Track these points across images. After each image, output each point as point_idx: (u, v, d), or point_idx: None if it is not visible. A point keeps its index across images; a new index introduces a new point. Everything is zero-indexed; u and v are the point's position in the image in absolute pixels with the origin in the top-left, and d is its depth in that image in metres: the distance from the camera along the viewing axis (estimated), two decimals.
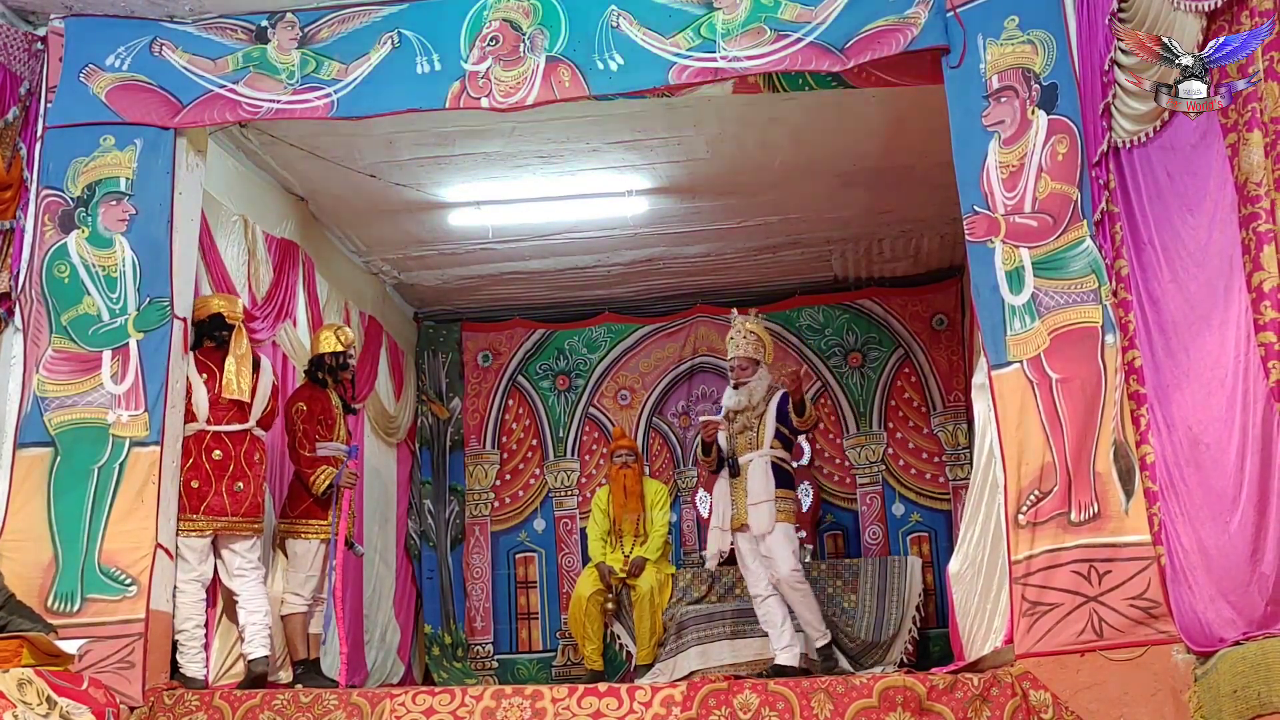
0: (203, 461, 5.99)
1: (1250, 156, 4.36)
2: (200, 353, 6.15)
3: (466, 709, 5.09)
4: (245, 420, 6.16)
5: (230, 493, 6.01)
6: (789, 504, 6.55)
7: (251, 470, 6.13)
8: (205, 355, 6.15)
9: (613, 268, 9.29)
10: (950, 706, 4.78)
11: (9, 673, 4.62)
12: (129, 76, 6.04)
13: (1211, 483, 4.54)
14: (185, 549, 5.88)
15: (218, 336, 6.17)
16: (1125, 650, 4.73)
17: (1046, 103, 5.32)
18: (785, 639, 6.42)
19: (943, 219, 8.19)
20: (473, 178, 7.73)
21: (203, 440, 6.02)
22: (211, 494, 5.97)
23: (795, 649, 6.42)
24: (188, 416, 6.00)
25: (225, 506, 5.99)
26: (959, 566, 5.59)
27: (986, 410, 5.32)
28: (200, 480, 5.97)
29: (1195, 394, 4.66)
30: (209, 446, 6.02)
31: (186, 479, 5.94)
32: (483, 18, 5.92)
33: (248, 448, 6.14)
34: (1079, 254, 5.15)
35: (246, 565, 6.09)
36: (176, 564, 5.82)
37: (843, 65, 5.64)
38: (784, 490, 6.53)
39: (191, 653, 5.84)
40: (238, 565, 6.07)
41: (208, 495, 5.96)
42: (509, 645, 9.59)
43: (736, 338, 6.75)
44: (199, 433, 6.02)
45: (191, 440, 5.99)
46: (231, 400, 6.10)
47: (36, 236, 5.90)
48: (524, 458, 9.92)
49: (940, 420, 9.39)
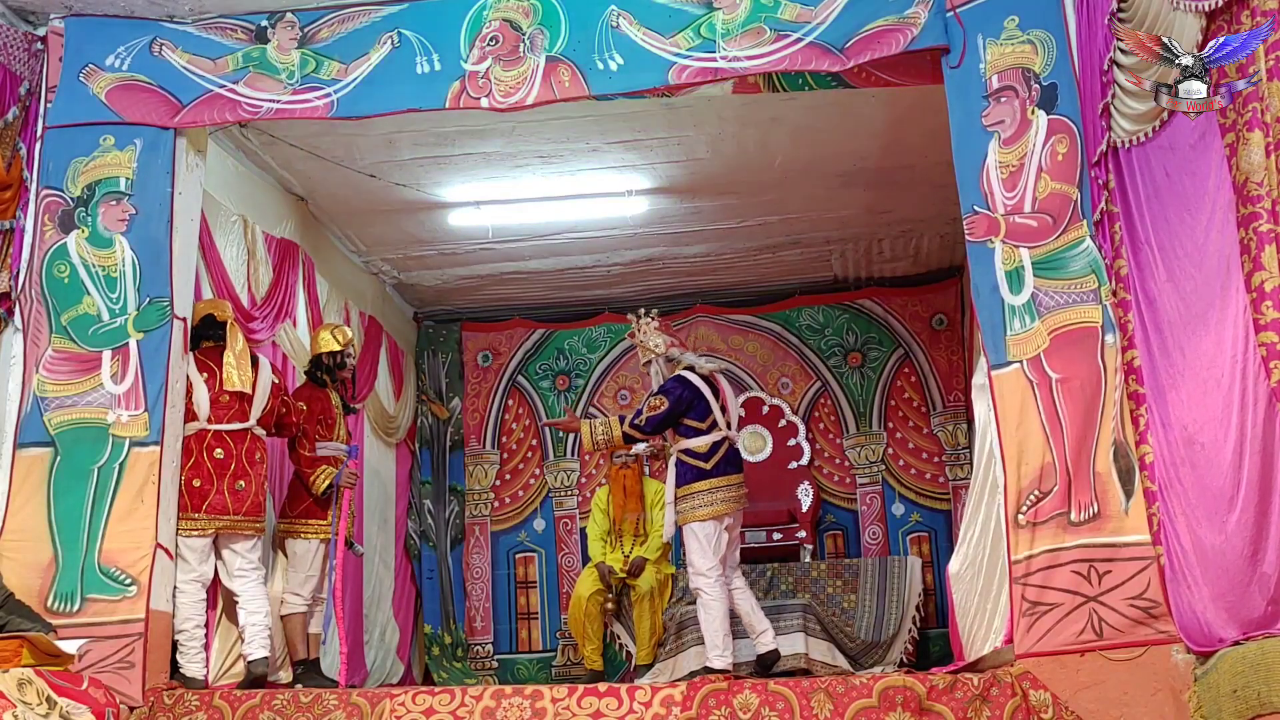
0: (204, 460, 5.98)
1: (1250, 156, 4.36)
2: (199, 352, 6.15)
3: (466, 709, 5.09)
4: (246, 419, 6.15)
5: (232, 491, 6.00)
6: (693, 500, 6.08)
7: (253, 469, 6.12)
8: (204, 354, 6.15)
9: (613, 268, 9.29)
10: (950, 706, 4.78)
11: (9, 673, 4.62)
12: (129, 76, 6.04)
13: (1207, 482, 4.54)
14: (185, 549, 5.87)
15: (213, 335, 6.17)
16: (1125, 650, 4.73)
17: (1046, 103, 5.32)
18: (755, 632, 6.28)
19: (943, 219, 8.20)
20: (473, 178, 7.73)
21: (204, 439, 6.01)
22: (213, 493, 5.96)
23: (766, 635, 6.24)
24: (189, 415, 5.99)
25: (227, 505, 5.98)
26: (959, 566, 5.58)
27: (986, 410, 5.31)
28: (202, 479, 5.96)
29: (1191, 394, 4.66)
30: (210, 445, 6.01)
31: (188, 478, 5.93)
32: (483, 18, 5.92)
33: (249, 446, 6.13)
34: (1079, 254, 5.15)
35: (247, 565, 6.08)
36: (176, 564, 5.81)
37: (843, 65, 5.64)
38: (687, 486, 6.11)
39: (191, 653, 5.83)
40: (238, 565, 6.06)
41: (209, 494, 5.95)
42: (509, 645, 9.60)
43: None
44: (200, 431, 6.02)
45: (193, 439, 5.99)
46: (232, 398, 6.09)
47: (36, 236, 5.90)
48: (524, 458, 9.93)
49: (940, 420, 9.40)
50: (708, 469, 6.13)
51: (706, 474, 6.12)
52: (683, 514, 6.10)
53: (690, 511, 6.08)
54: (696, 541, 6.05)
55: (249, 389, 6.14)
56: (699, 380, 6.23)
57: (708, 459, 6.14)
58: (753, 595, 6.41)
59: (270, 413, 6.32)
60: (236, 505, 6.01)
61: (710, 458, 6.15)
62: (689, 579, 6.12)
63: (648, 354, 6.51)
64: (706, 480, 6.11)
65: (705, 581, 6.01)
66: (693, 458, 6.15)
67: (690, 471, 6.14)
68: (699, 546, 6.04)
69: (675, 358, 6.45)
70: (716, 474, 6.14)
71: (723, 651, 5.94)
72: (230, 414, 6.10)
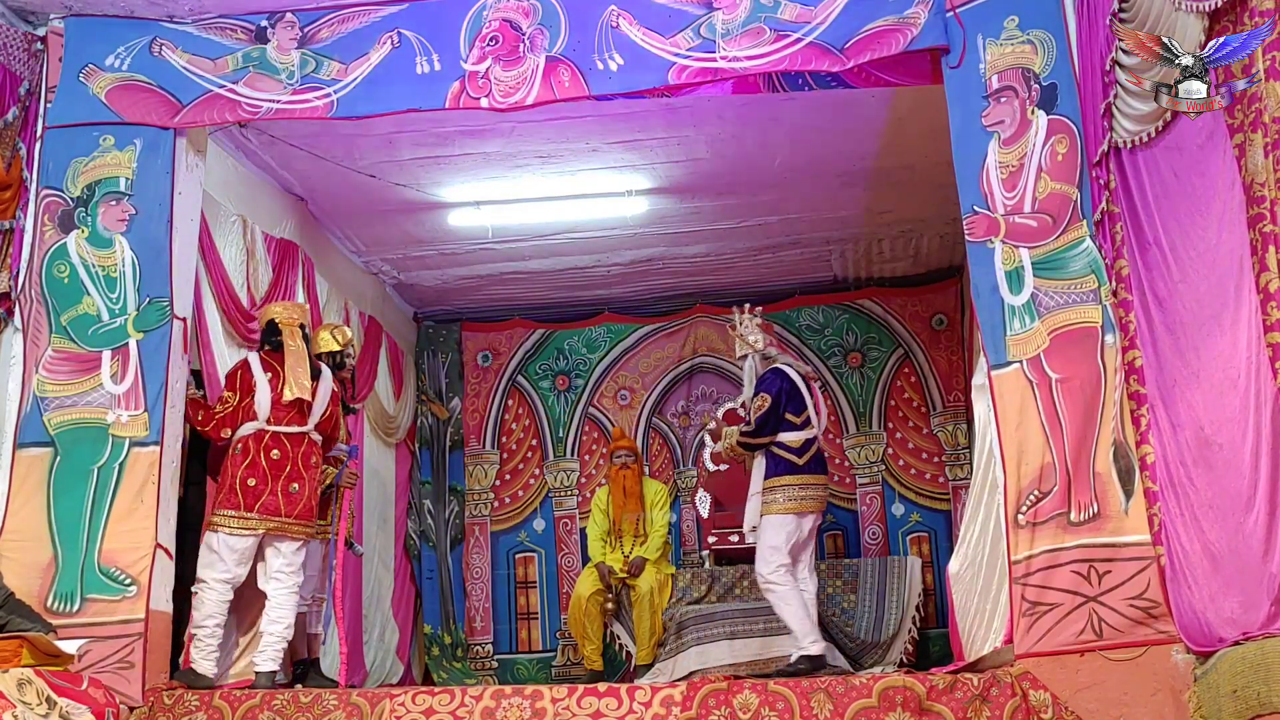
0: (260, 460, 5.97)
1: (1255, 157, 4.35)
2: (265, 353, 6.18)
3: (466, 709, 5.09)
4: (304, 423, 6.13)
5: (285, 493, 5.98)
6: (780, 494, 6.18)
7: (308, 473, 6.08)
8: (269, 356, 6.16)
9: (613, 268, 9.29)
10: (950, 706, 4.78)
11: (9, 673, 4.62)
12: (129, 76, 6.04)
13: (1224, 483, 4.51)
14: (225, 547, 5.85)
15: (274, 341, 6.20)
16: (1125, 650, 4.73)
17: (1046, 103, 5.33)
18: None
19: (943, 219, 8.20)
20: (473, 178, 7.73)
21: (262, 439, 6.00)
22: (267, 493, 5.94)
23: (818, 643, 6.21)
24: (249, 415, 6.00)
25: (279, 507, 5.95)
26: (958, 566, 5.58)
27: (986, 410, 5.32)
28: (257, 479, 5.95)
29: (1206, 394, 4.62)
30: (268, 446, 6.00)
31: (243, 477, 5.92)
32: (482, 18, 5.92)
33: (305, 450, 6.10)
34: (1079, 254, 5.16)
35: (286, 569, 6.04)
36: (209, 560, 5.82)
37: (842, 65, 5.64)
38: (776, 479, 6.20)
39: (207, 650, 5.82)
40: (277, 567, 6.03)
41: (263, 494, 5.93)
42: (509, 645, 9.60)
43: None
44: (259, 431, 6.00)
45: (251, 439, 5.98)
46: (292, 401, 6.08)
47: (36, 236, 5.90)
48: (524, 458, 9.93)
49: (940, 420, 9.40)
50: (800, 464, 6.23)
51: (798, 469, 6.21)
52: (768, 505, 6.16)
53: (774, 503, 6.15)
54: (772, 532, 6.12)
55: (309, 396, 6.11)
56: (796, 375, 6.32)
57: (800, 454, 6.24)
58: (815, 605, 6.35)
59: (328, 419, 6.29)
60: (289, 507, 5.98)
61: (803, 454, 6.25)
62: (756, 570, 6.18)
63: (745, 349, 6.55)
64: (798, 475, 6.20)
65: (771, 571, 6.07)
66: (786, 451, 6.22)
67: (782, 464, 6.21)
68: (772, 538, 6.11)
69: (773, 356, 6.53)
70: (807, 471, 6.25)
71: (815, 638, 6.02)
72: (289, 416, 6.08)
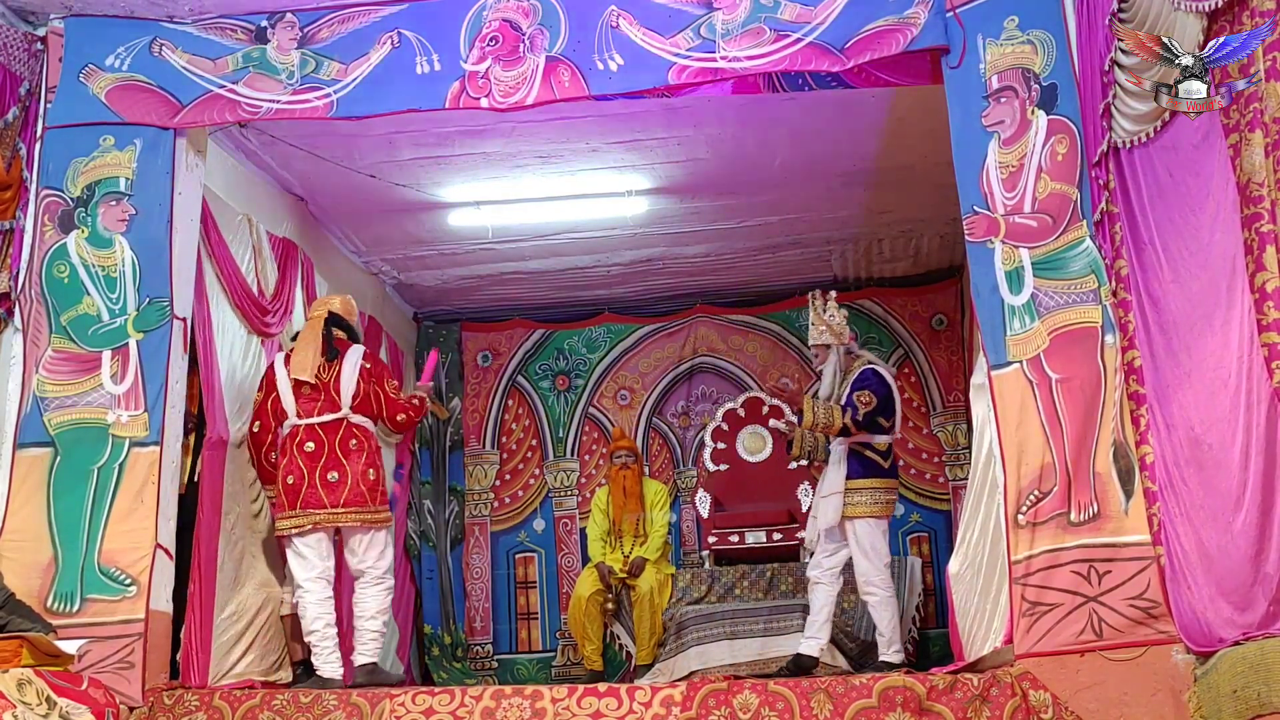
0: (295, 456, 6.02)
1: (1252, 157, 4.35)
2: (289, 352, 6.25)
3: (466, 709, 5.09)
4: (338, 409, 6.13)
5: (324, 484, 5.99)
6: (866, 496, 6.20)
7: (348, 459, 6.07)
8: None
9: (613, 268, 9.29)
10: (950, 707, 4.78)
11: (9, 673, 4.62)
12: (129, 77, 6.04)
13: (1215, 483, 4.53)
14: (302, 546, 5.92)
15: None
16: (1125, 650, 4.73)
17: (1046, 103, 5.32)
18: (812, 629, 6.37)
19: (942, 219, 8.20)
20: (473, 178, 7.73)
21: (296, 435, 6.06)
22: (305, 487, 5.98)
23: (817, 641, 6.34)
24: (282, 416, 6.10)
25: (321, 499, 5.98)
26: (958, 567, 5.58)
27: (986, 410, 5.31)
28: (294, 475, 6.00)
29: (1197, 394, 4.64)
30: (301, 440, 6.05)
31: (283, 476, 5.99)
32: (482, 18, 5.92)
33: (343, 436, 6.10)
34: (1079, 254, 5.15)
35: (362, 564, 6.07)
36: (294, 564, 5.93)
37: (842, 65, 5.64)
38: (862, 480, 6.21)
39: (326, 653, 5.86)
40: (354, 564, 6.09)
41: (301, 489, 5.98)
42: (509, 645, 9.59)
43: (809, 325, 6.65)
44: (292, 428, 6.08)
45: (286, 437, 6.07)
46: (313, 390, 6.11)
47: (36, 236, 5.90)
48: (524, 458, 9.92)
49: (940, 420, 9.40)
50: (886, 467, 6.30)
51: (885, 472, 6.29)
52: (853, 506, 6.16)
53: (863, 505, 6.17)
54: (868, 537, 6.15)
55: (305, 376, 6.12)
56: (891, 379, 6.37)
57: (886, 457, 6.30)
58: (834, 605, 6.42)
59: (366, 397, 6.23)
60: (332, 497, 5.99)
61: (888, 457, 6.32)
62: (856, 577, 6.18)
63: (827, 337, 6.49)
64: (885, 479, 6.28)
65: (881, 578, 6.12)
66: (874, 453, 6.27)
67: (870, 466, 6.24)
68: (870, 543, 6.14)
69: (856, 352, 6.55)
70: (892, 474, 6.34)
71: (899, 647, 6.14)
72: (318, 406, 6.12)
